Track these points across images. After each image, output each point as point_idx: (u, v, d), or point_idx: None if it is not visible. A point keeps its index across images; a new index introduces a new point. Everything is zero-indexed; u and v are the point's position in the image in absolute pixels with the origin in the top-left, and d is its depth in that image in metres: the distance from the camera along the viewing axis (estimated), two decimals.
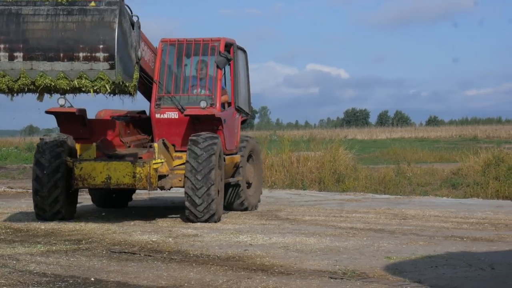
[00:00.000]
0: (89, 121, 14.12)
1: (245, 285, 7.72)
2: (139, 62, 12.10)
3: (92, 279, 8.03)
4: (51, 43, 11.24)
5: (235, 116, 15.16)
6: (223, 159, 13.74)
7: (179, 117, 13.95)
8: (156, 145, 13.28)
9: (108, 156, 13.38)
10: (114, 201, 15.92)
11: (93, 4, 11.26)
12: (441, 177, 24.05)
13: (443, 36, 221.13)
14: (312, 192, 22.33)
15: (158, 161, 13.10)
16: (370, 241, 10.86)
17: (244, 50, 15.87)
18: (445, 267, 8.70)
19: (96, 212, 14.94)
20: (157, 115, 14.04)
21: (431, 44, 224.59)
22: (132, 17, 11.73)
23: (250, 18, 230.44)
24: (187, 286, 7.70)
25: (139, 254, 9.72)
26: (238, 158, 14.99)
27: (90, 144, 13.67)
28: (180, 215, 14.05)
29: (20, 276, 8.18)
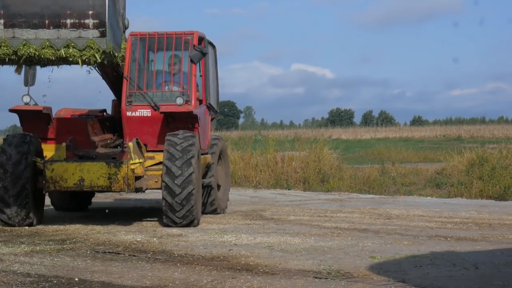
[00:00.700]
0: (55, 120, 13.42)
1: (230, 285, 7.71)
2: (125, 32, 11.32)
3: (76, 279, 8.00)
4: (35, 9, 10.38)
5: (207, 114, 14.35)
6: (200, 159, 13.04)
7: (152, 115, 13.17)
8: (131, 145, 12.58)
9: (79, 157, 12.67)
10: (74, 205, 15.21)
11: None
12: (426, 177, 24.11)
13: (429, 37, 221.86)
14: (297, 192, 22.36)
15: (136, 162, 12.38)
16: (355, 241, 10.87)
17: (214, 45, 14.99)
18: (429, 267, 8.72)
19: (79, 213, 14.91)
20: (129, 113, 13.19)
21: (417, 44, 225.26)
22: None
23: (235, 18, 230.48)
24: (172, 286, 7.69)
25: (124, 254, 9.69)
26: (210, 158, 14.28)
27: (55, 145, 12.98)
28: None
29: (4, 277, 8.14)
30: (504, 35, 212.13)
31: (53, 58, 10.53)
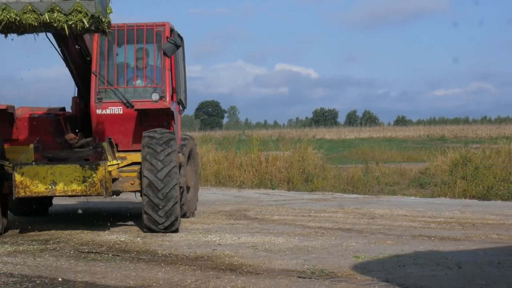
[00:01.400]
0: (19, 120, 12.57)
1: (214, 285, 7.71)
2: None
3: (60, 279, 7.97)
4: None
5: (178, 111, 13.50)
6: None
7: (124, 112, 12.37)
8: (105, 145, 11.81)
9: (49, 159, 11.62)
10: (34, 209, 14.10)
11: None
12: (409, 177, 24.19)
13: (414, 37, 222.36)
14: (281, 192, 22.39)
15: (114, 163, 11.67)
16: (339, 241, 10.90)
17: (182, 37, 13.84)
18: (413, 266, 8.75)
19: (63, 213, 14.84)
20: (99, 111, 12.36)
21: (402, 44, 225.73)
22: None
23: (220, 18, 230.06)
24: (156, 286, 7.68)
25: (107, 254, 9.66)
26: (181, 158, 12.86)
27: (20, 146, 12.08)
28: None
29: None
30: (489, 36, 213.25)
31: (36, 24, 9.36)
